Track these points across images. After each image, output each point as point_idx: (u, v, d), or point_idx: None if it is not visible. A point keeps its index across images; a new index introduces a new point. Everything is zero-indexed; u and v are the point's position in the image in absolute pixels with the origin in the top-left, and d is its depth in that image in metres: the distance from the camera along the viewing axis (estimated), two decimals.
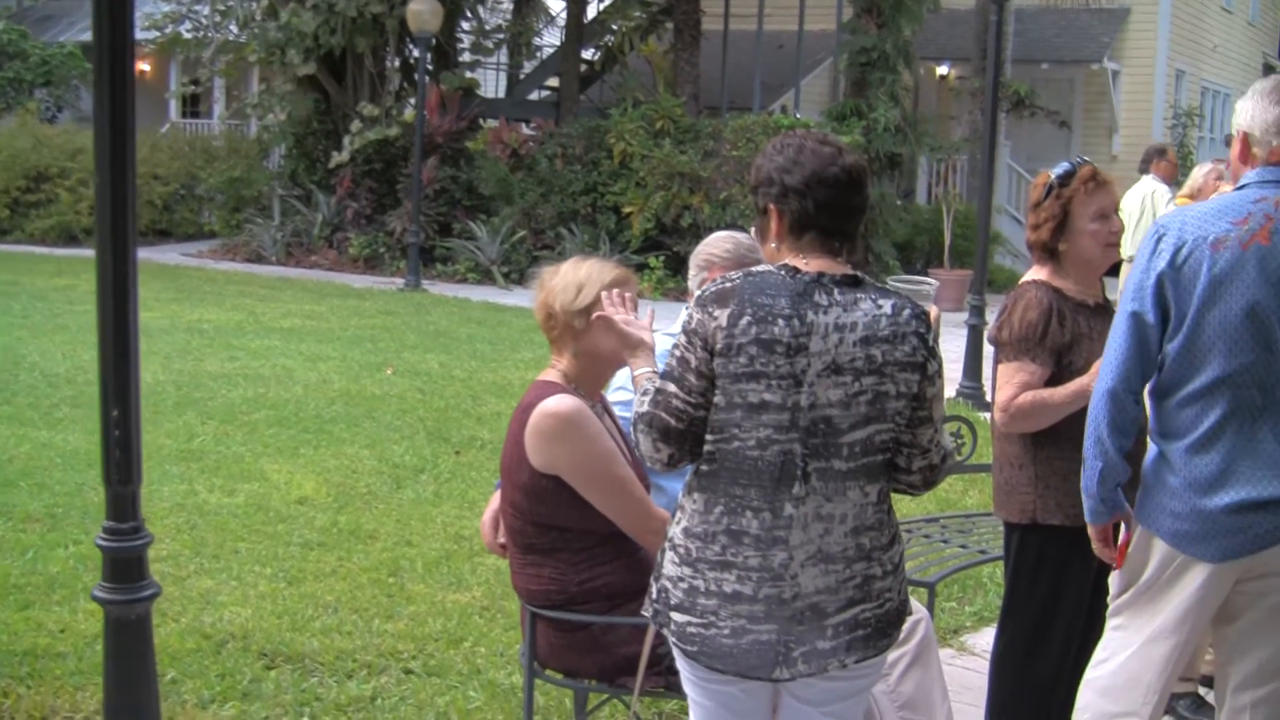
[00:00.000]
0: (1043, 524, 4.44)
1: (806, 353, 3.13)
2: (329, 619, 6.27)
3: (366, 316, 16.64)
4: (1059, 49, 26.42)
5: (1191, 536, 3.71)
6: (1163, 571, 3.80)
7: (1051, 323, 4.38)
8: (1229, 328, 3.60)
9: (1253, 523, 3.64)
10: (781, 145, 3.30)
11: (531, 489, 3.98)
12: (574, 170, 21.31)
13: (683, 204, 20.07)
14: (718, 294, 3.20)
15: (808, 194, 3.22)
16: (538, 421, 3.93)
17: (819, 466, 3.17)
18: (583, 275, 4.06)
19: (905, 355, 3.19)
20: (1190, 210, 3.74)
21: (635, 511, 3.98)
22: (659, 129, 20.90)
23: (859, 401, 3.16)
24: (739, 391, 3.15)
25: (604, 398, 4.28)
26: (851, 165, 3.25)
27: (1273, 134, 3.70)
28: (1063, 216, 4.47)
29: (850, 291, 3.20)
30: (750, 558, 3.19)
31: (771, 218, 3.29)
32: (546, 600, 4.08)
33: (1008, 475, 4.52)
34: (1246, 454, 3.65)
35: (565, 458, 3.91)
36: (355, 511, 8.14)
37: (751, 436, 3.17)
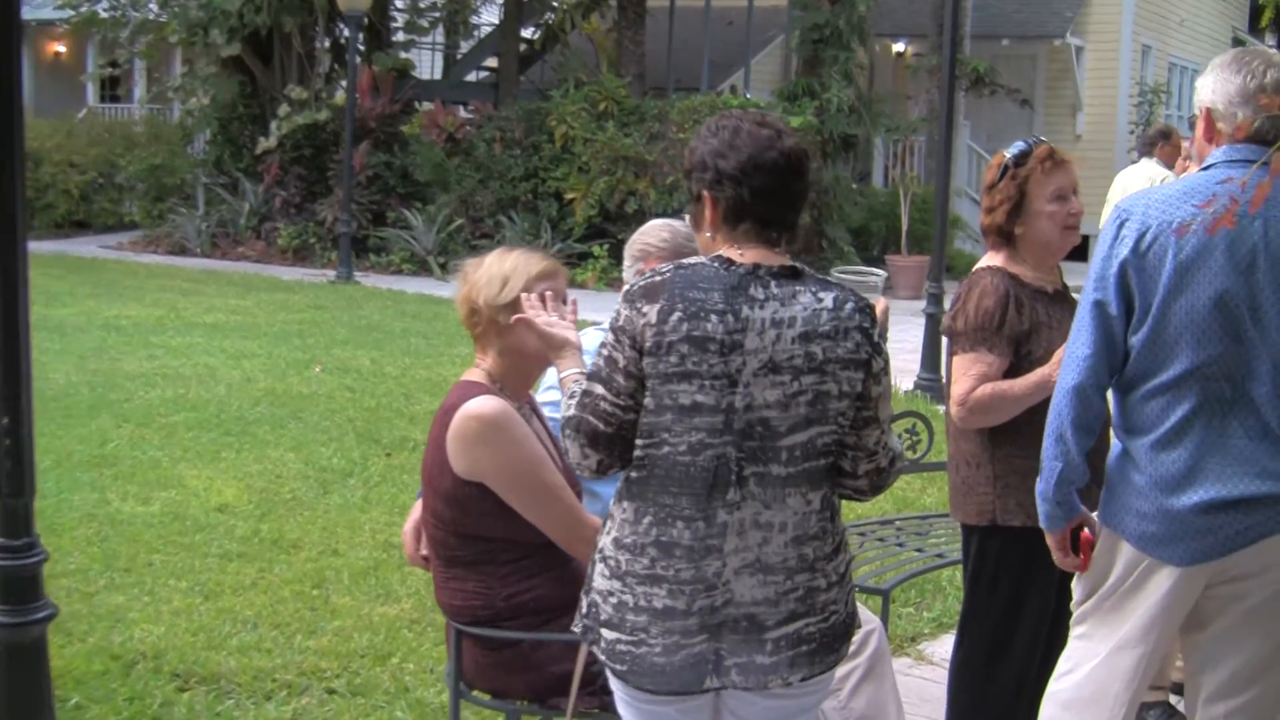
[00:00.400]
0: (1002, 525, 4.41)
1: (741, 350, 3.08)
2: (247, 636, 6.18)
3: (295, 311, 16.57)
4: (1020, 24, 26.49)
5: (1158, 538, 3.67)
6: (1128, 575, 3.77)
7: (1009, 310, 4.35)
8: (1196, 317, 3.56)
9: (1222, 523, 3.61)
10: (717, 127, 3.23)
11: (454, 497, 3.92)
12: (514, 155, 21.28)
13: (627, 189, 20.07)
14: (646, 288, 3.14)
15: (744, 180, 3.15)
16: (460, 425, 3.87)
17: (756, 472, 3.13)
18: (508, 267, 4.00)
19: (848, 352, 3.14)
20: (1154, 194, 3.70)
21: (566, 520, 3.93)
22: (602, 111, 20.87)
23: (798, 402, 3.11)
24: (670, 393, 3.10)
25: (532, 398, 4.24)
26: (791, 149, 3.19)
27: (1237, 106, 3.66)
28: (1018, 198, 4.44)
29: (788, 284, 3.15)
30: (682, 570, 3.14)
31: (706, 205, 3.23)
32: (472, 616, 4.02)
33: (964, 475, 4.49)
34: (1216, 450, 3.62)
35: (489, 463, 3.86)
36: (278, 519, 8.05)
37: (683, 441, 3.12)
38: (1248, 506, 3.59)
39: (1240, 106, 3.65)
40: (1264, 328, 3.56)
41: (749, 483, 3.13)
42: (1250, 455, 3.60)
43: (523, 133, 21.32)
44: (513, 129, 21.41)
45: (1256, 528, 3.60)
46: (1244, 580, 3.68)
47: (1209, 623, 3.78)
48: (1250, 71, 3.66)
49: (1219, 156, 3.68)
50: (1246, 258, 3.54)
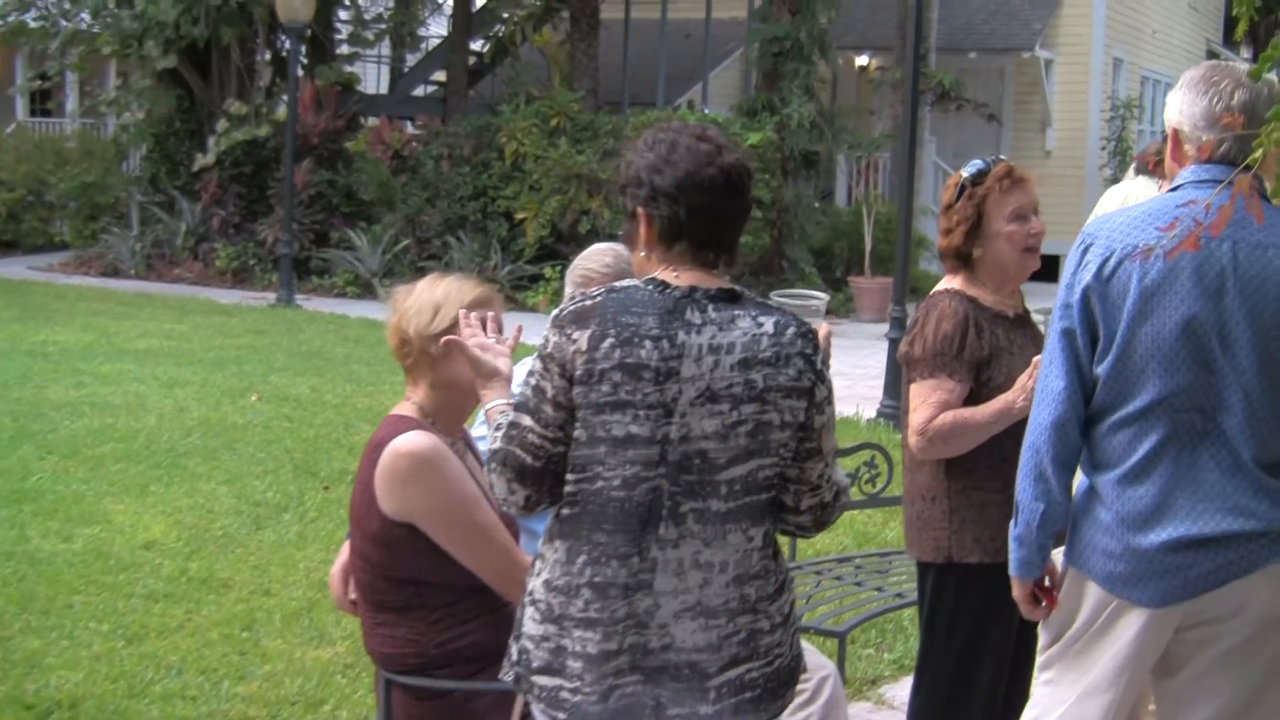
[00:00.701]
0: (958, 562, 4.40)
1: (677, 378, 3.05)
2: (171, 682, 6.09)
3: (232, 336, 16.46)
4: (987, 36, 26.60)
5: (1126, 578, 3.64)
6: (1095, 618, 3.73)
7: (969, 334, 4.35)
8: (1163, 345, 3.54)
9: (1193, 562, 3.57)
10: (653, 140, 3.20)
11: (383, 539, 3.87)
12: (462, 173, 21.24)
13: (581, 208, 20.02)
14: (576, 313, 3.11)
15: (680, 199, 3.12)
16: (389, 462, 3.83)
17: (695, 508, 3.10)
18: (439, 295, 3.96)
19: (789, 380, 3.12)
20: (1118, 216, 3.69)
21: (500, 562, 3.87)
22: (554, 127, 20.85)
23: (738, 433, 3.09)
24: (602, 424, 3.07)
25: (466, 434, 4.19)
26: (730, 166, 3.15)
27: (1202, 128, 3.65)
28: (976, 218, 4.44)
29: (727, 308, 3.12)
30: (617, 609, 3.10)
31: (640, 222, 3.19)
32: (402, 664, 3.95)
33: (919, 509, 4.49)
34: (1185, 485, 3.59)
35: (420, 503, 3.81)
36: (208, 557, 7.95)
37: (617, 475, 3.08)
38: (1220, 545, 3.56)
39: (1206, 130, 3.65)
40: (1234, 355, 3.53)
41: (687, 519, 3.09)
42: (1222, 490, 3.57)
43: (471, 149, 21.28)
44: (461, 145, 21.37)
45: (1229, 567, 3.57)
46: (1216, 623, 3.64)
47: (1180, 668, 3.74)
48: (1218, 93, 3.65)
49: (1185, 178, 3.67)
50: (1215, 282, 3.52)
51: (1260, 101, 3.62)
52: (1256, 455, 3.56)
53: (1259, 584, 3.57)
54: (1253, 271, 3.53)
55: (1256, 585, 3.57)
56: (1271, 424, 3.56)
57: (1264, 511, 3.56)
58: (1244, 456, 3.56)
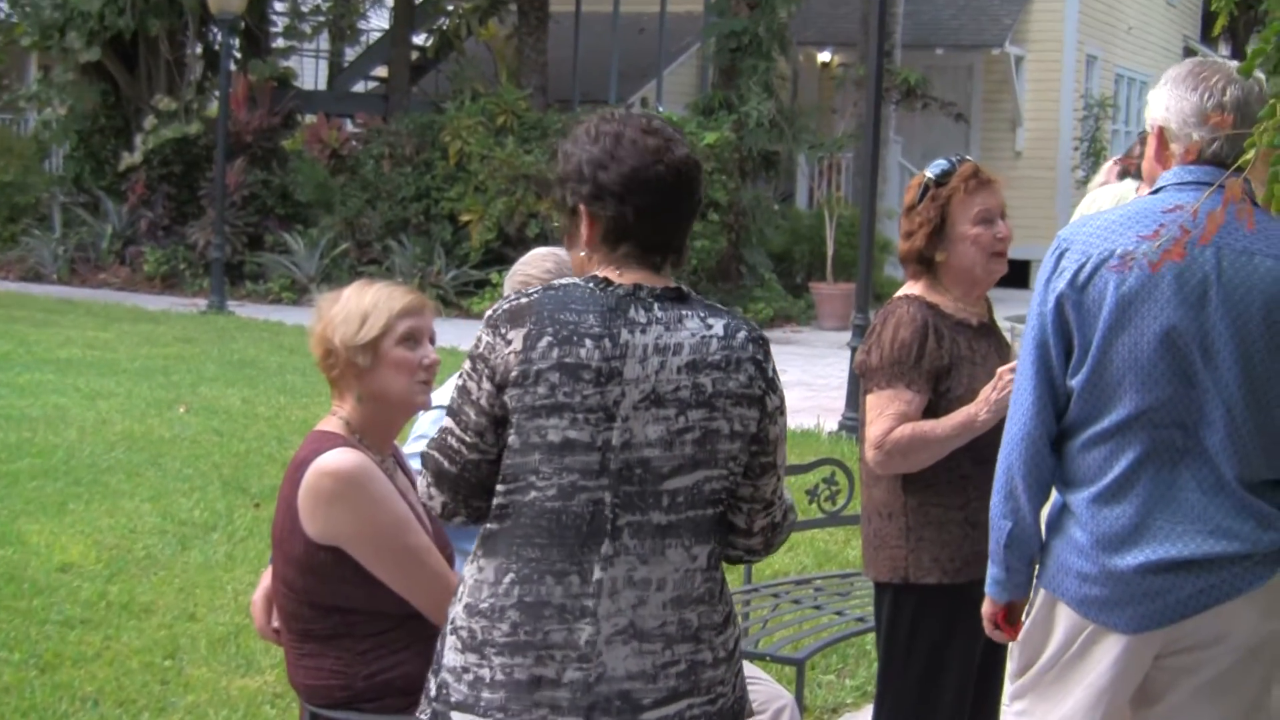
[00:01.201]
0: (916, 583, 4.39)
1: (620, 380, 3.00)
2: (87, 715, 6.01)
3: (160, 345, 16.37)
4: (955, 32, 26.72)
5: (1102, 602, 3.61)
6: (1070, 644, 3.69)
7: (928, 342, 4.35)
8: (1141, 357, 3.51)
9: (1172, 585, 3.54)
10: (597, 132, 3.12)
11: (307, 564, 3.81)
12: (404, 173, 21.25)
13: (528, 211, 20.05)
14: (511, 311, 3.06)
15: (625, 198, 3.06)
16: (313, 482, 3.78)
17: (633, 520, 3.03)
18: (367, 303, 3.91)
19: (740, 386, 3.07)
20: (1095, 221, 3.66)
21: (433, 588, 3.81)
22: (501, 125, 20.87)
23: (684, 440, 3.03)
24: (538, 428, 3.01)
25: (397, 450, 4.13)
26: (680, 162, 3.09)
27: (1192, 125, 3.62)
28: (939, 221, 4.43)
29: (673, 307, 3.07)
30: (553, 633, 3.02)
31: (582, 220, 3.13)
32: (329, 698, 3.89)
33: (875, 527, 4.48)
34: (1164, 505, 3.57)
35: (346, 525, 3.76)
36: (129, 580, 7.85)
37: (553, 484, 3.02)
38: (1201, 568, 3.53)
39: (1196, 127, 3.62)
40: (1216, 369, 3.50)
41: (624, 533, 3.02)
42: (1203, 511, 3.55)
43: (414, 149, 21.29)
44: (403, 145, 21.37)
45: (1211, 591, 3.54)
46: (1198, 650, 3.61)
47: (1160, 697, 3.70)
48: (1209, 89, 3.62)
49: (1169, 179, 3.64)
50: (1196, 290, 3.48)
51: (1252, 99, 3.59)
52: (1239, 474, 3.54)
53: (1243, 609, 3.55)
54: (1237, 280, 3.49)
55: (1240, 610, 3.54)
56: (1255, 441, 3.54)
57: (1247, 533, 3.54)
58: (1226, 475, 3.53)
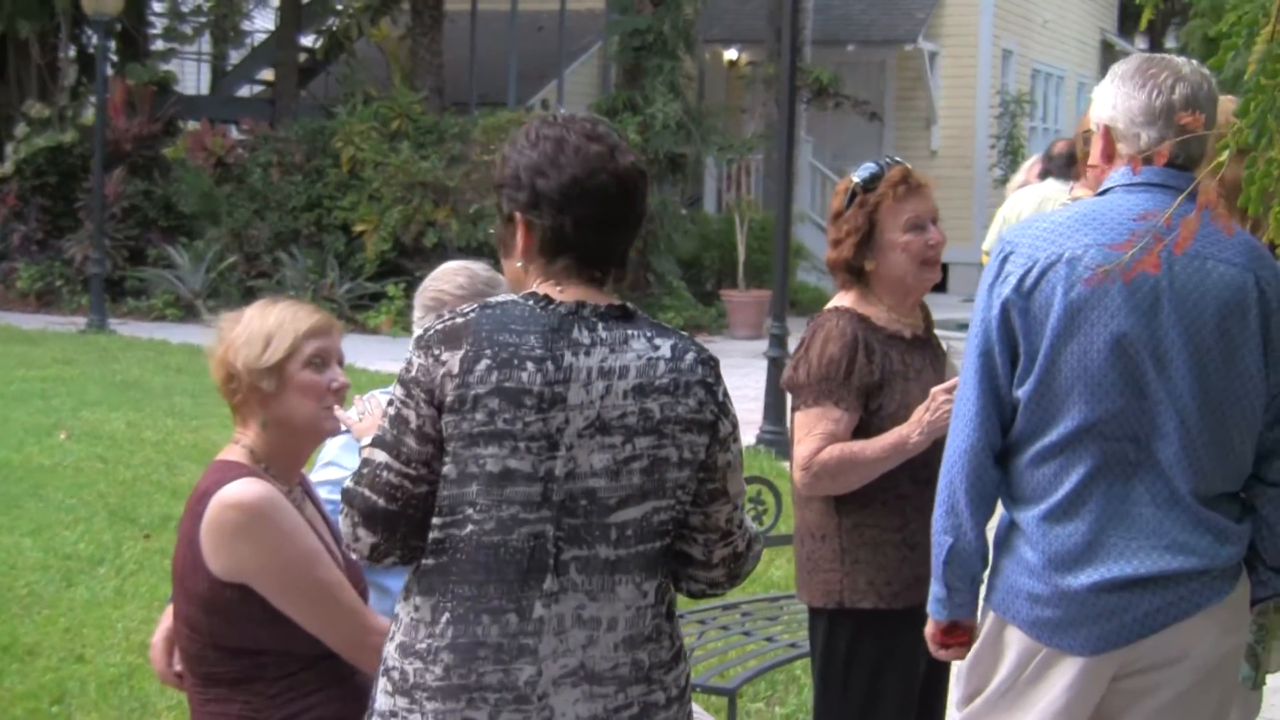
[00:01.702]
0: (851, 608, 4.39)
1: (564, 405, 2.98)
2: None
3: (38, 366, 16.22)
4: (866, 28, 26.90)
5: (1055, 624, 3.61)
6: (1022, 669, 3.69)
7: (858, 357, 4.35)
8: (1090, 366, 3.52)
9: (1128, 604, 3.56)
10: (538, 136, 3.10)
11: (212, 603, 3.73)
12: (294, 181, 21.16)
13: (425, 220, 20.00)
14: (445, 332, 3.01)
15: (566, 207, 3.03)
16: (216, 515, 3.70)
17: (579, 555, 3.01)
18: (271, 324, 3.84)
19: (689, 411, 3.05)
20: (1040, 223, 3.67)
21: (347, 625, 3.76)
22: (395, 130, 20.84)
23: (631, 469, 3.01)
24: (475, 457, 2.96)
25: (305, 480, 4.07)
26: (625, 171, 3.07)
27: (1140, 124, 3.63)
28: (868, 228, 4.43)
29: (618, 327, 3.05)
30: (487, 674, 2.99)
31: (518, 229, 3.10)
32: None
33: (809, 549, 4.47)
34: (1118, 521, 3.58)
35: (253, 561, 3.68)
36: (10, 620, 7.77)
37: (491, 517, 2.98)
38: (1157, 585, 3.55)
39: (1145, 126, 3.62)
40: (1169, 378, 3.51)
41: (569, 569, 2.99)
42: (1158, 526, 3.56)
43: (304, 156, 21.21)
44: (292, 152, 21.30)
45: (1168, 610, 3.56)
46: (1156, 671, 3.63)
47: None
48: (1157, 86, 3.63)
49: (1117, 180, 3.65)
50: (1148, 297, 3.50)
51: (1201, 96, 3.61)
52: (1194, 487, 3.56)
53: (1201, 627, 3.57)
54: (1190, 285, 3.51)
55: (1199, 628, 3.57)
56: (1210, 453, 3.56)
57: (1204, 548, 3.56)
58: (1180, 489, 3.55)
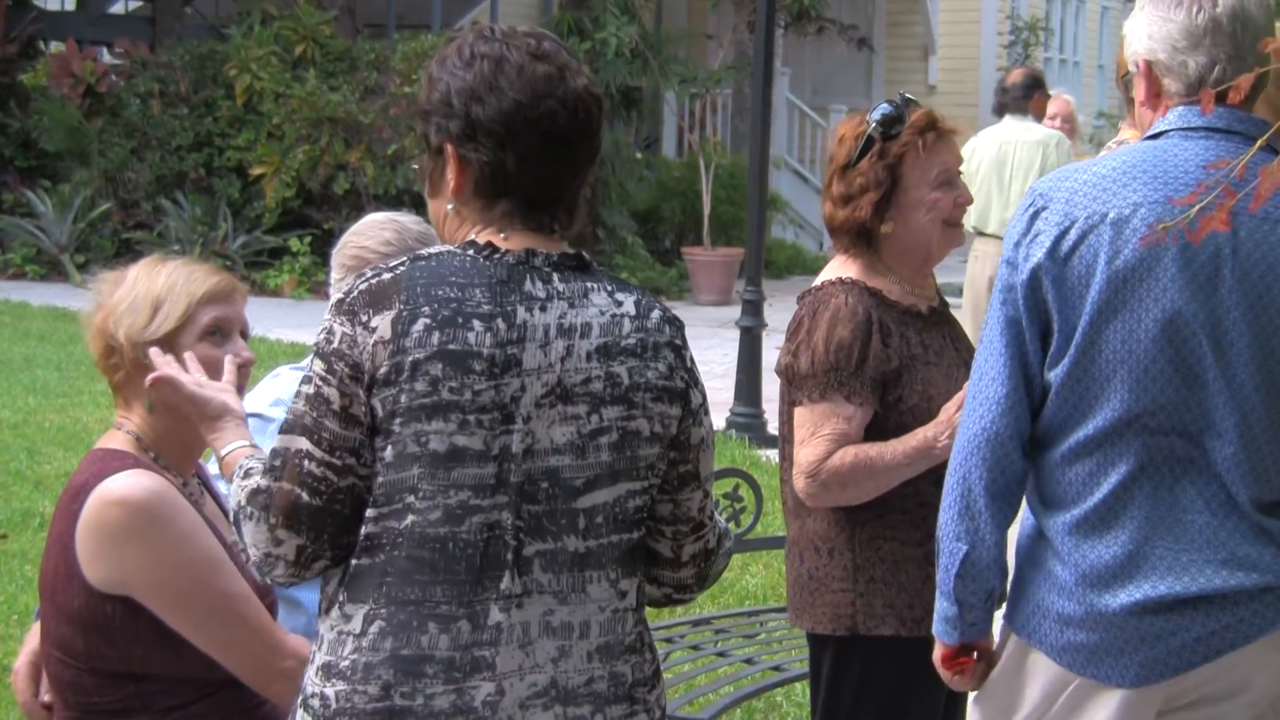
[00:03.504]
0: (867, 635, 4.37)
1: (519, 370, 2.97)
2: None
3: None
4: None
5: (1091, 650, 3.62)
6: (1050, 702, 3.71)
7: (872, 341, 4.32)
8: (1137, 348, 3.52)
9: (1178, 628, 3.56)
10: (472, 53, 3.07)
11: (90, 619, 3.72)
12: (179, 116, 21.09)
13: (335, 162, 19.97)
14: (372, 292, 2.98)
15: (507, 140, 3.01)
16: (96, 514, 3.68)
17: (544, 550, 3.00)
18: (161, 287, 3.82)
19: (659, 377, 3.08)
20: (1079, 173, 3.64)
21: (254, 646, 3.76)
22: (300, 56, 20.82)
23: (599, 445, 3.03)
24: (417, 435, 2.94)
25: (203, 471, 4.07)
26: (577, 96, 3.06)
27: (1185, 49, 3.61)
28: (890, 184, 4.38)
29: (576, 279, 3.05)
30: (436, 697, 2.97)
31: (449, 164, 3.07)
32: None
33: (812, 565, 4.45)
34: (1165, 530, 3.58)
35: (140, 569, 3.66)
36: None
37: (436, 505, 2.96)
38: (1212, 605, 3.55)
39: (1190, 51, 3.60)
40: (1229, 365, 3.50)
41: (533, 566, 2.98)
42: (1213, 536, 3.56)
43: (191, 85, 21.16)
44: (177, 80, 21.21)
45: (1225, 634, 3.56)
46: (1209, 705, 3.64)
47: None
48: (1196, 3, 3.61)
49: (1174, 123, 3.61)
50: (1206, 267, 3.48)
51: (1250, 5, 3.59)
52: (1255, 493, 3.55)
53: (1263, 655, 3.57)
54: (1256, 255, 3.50)
55: (1261, 656, 3.57)
56: (1275, 453, 3.56)
57: (1268, 562, 3.56)
58: (1239, 494, 3.55)
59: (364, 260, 4.43)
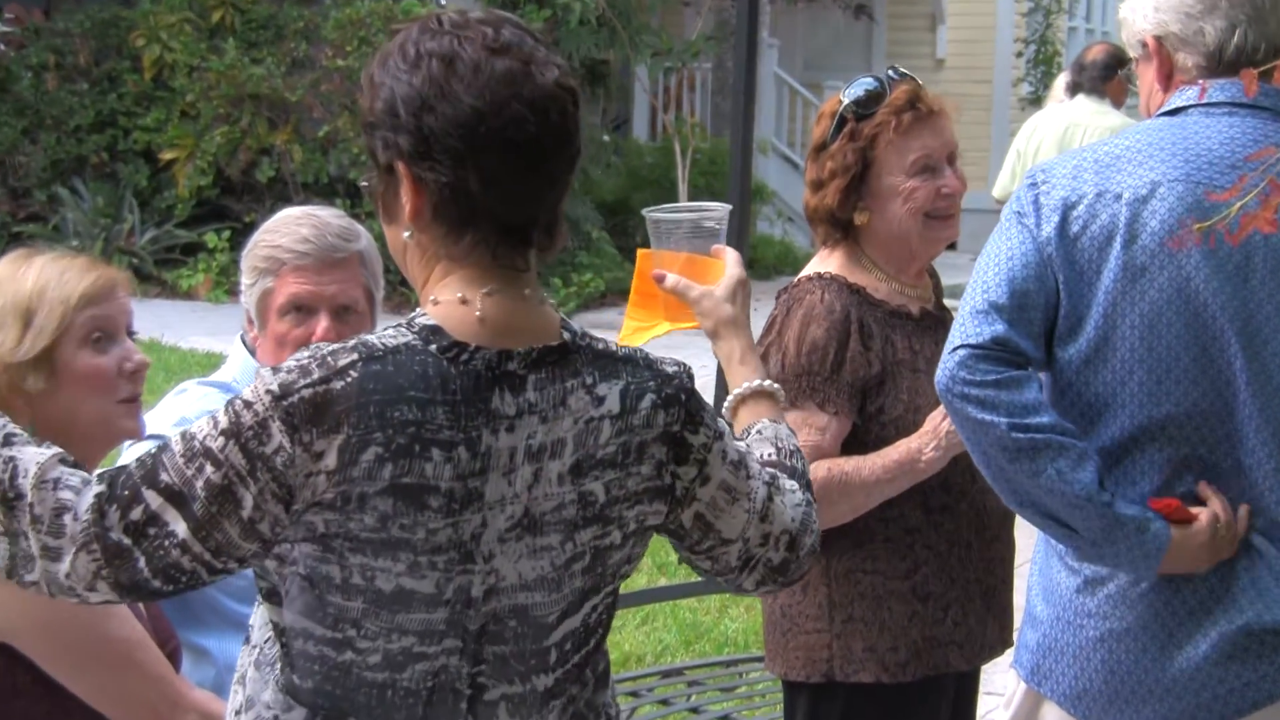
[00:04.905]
0: (844, 682, 4.40)
1: (480, 504, 2.83)
2: None
3: None
4: None
5: (1113, 700, 3.65)
6: None
7: (850, 343, 4.36)
8: (1157, 344, 3.54)
9: (1227, 674, 3.58)
10: (417, 50, 2.87)
11: None
12: (78, 92, 21.15)
13: (258, 146, 20.02)
14: (317, 405, 2.77)
15: (468, 156, 2.82)
16: None
17: (510, 693, 2.95)
18: (29, 292, 3.74)
19: (642, 482, 2.98)
20: (1085, 153, 3.68)
21: (150, 699, 3.74)
22: (217, 24, 20.91)
23: (573, 573, 2.95)
24: (362, 568, 2.81)
25: None
26: (548, 95, 2.85)
27: (1199, 15, 3.65)
28: (860, 168, 4.42)
29: (555, 379, 2.90)
30: None
31: (403, 185, 2.89)
32: None
33: (783, 603, 4.50)
34: None
35: (17, 611, 3.60)
36: None
37: (377, 649, 2.87)
38: (1262, 644, 3.57)
39: (1206, 16, 3.63)
40: (1263, 366, 3.52)
41: (498, 711, 2.93)
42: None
43: (91, 56, 21.16)
44: (75, 50, 21.23)
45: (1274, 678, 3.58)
46: None
47: None
48: None
49: (1192, 98, 3.63)
50: (1235, 255, 3.49)
51: None
52: None
53: None
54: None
55: None
56: None
57: None
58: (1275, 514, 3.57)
59: (278, 261, 4.40)
